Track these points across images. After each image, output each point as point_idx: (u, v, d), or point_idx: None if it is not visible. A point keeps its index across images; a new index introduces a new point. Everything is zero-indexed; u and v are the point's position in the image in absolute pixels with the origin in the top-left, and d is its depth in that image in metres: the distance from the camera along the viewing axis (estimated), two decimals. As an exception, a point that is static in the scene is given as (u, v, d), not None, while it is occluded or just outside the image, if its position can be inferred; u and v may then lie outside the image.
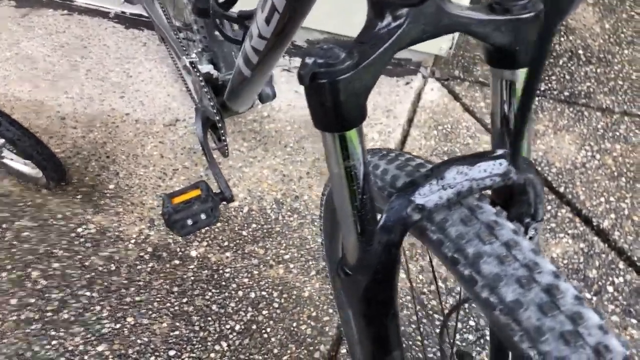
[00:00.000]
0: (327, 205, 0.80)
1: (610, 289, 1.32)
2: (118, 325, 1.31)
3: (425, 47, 1.76)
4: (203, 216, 1.10)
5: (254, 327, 1.30)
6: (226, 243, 1.45)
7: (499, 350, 0.63)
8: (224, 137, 1.16)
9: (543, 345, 0.37)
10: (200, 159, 1.64)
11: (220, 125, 1.14)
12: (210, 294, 1.36)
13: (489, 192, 0.49)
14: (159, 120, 1.76)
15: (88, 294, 1.36)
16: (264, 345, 1.27)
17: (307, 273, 1.39)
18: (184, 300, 1.35)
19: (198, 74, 1.14)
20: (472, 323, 1.25)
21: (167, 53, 1.78)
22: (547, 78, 1.79)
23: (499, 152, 0.46)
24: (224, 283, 1.38)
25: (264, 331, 1.29)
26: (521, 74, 0.45)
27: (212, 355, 1.25)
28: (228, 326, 1.30)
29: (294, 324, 1.30)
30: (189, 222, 1.09)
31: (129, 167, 1.63)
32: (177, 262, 1.42)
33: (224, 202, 1.12)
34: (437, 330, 1.25)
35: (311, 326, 1.30)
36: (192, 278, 1.39)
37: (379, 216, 0.46)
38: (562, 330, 0.37)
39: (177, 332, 1.29)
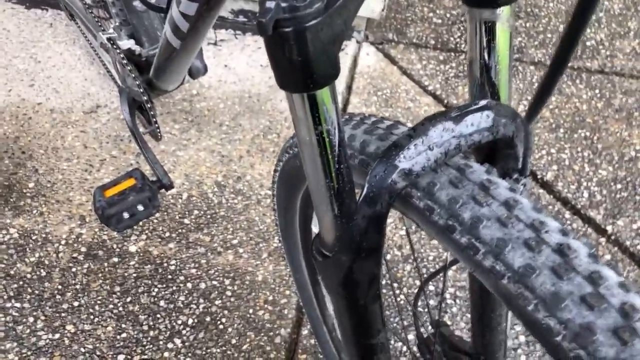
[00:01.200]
0: (281, 180, 0.73)
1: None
2: (57, 336, 1.19)
3: (356, 11, 1.71)
4: (141, 207, 1.00)
5: (208, 319, 1.22)
6: (168, 234, 1.36)
7: (480, 319, 0.60)
8: (154, 119, 1.06)
9: (563, 313, 0.32)
10: (129, 146, 1.51)
11: (149, 106, 1.04)
12: (156, 290, 1.26)
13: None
14: (77, 107, 1.61)
15: (18, 305, 1.23)
16: (220, 336, 1.20)
17: (259, 256, 1.32)
18: (128, 299, 1.25)
19: (118, 51, 1.02)
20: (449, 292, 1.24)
21: (79, 32, 1.62)
22: (478, 36, 1.79)
23: (482, 103, 0.41)
24: (170, 277, 1.28)
25: (219, 322, 1.22)
26: (504, 12, 0.40)
27: (166, 354, 1.17)
28: (180, 321, 1.22)
29: (250, 311, 1.24)
30: (126, 215, 0.99)
31: (49, 162, 1.48)
32: (115, 259, 1.31)
33: (163, 190, 1.03)
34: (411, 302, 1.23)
35: (269, 311, 1.24)
36: (135, 275, 1.28)
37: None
38: (582, 294, 0.32)
39: (124, 335, 1.19)
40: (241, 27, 1.81)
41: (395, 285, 1.26)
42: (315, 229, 0.84)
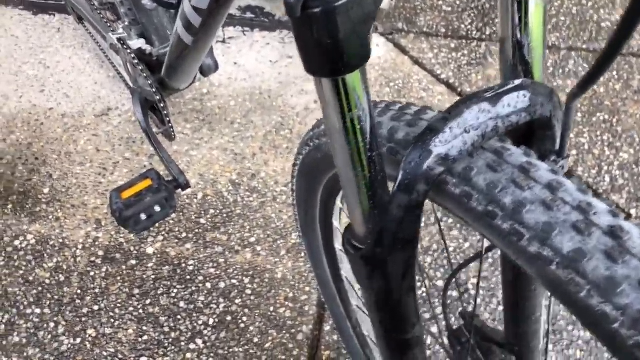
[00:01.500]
0: (301, 174, 0.72)
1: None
2: (78, 340, 1.18)
3: (365, 2, 1.68)
4: (158, 208, 0.99)
5: (229, 318, 1.21)
6: (184, 234, 1.35)
7: (514, 308, 0.58)
8: (168, 119, 1.05)
9: (620, 298, 0.30)
10: (142, 148, 1.50)
11: (162, 105, 1.02)
12: (175, 290, 1.26)
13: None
14: (88, 111, 1.60)
15: (38, 311, 1.23)
16: (242, 335, 1.19)
17: (277, 253, 1.31)
18: (148, 301, 1.24)
19: (129, 51, 1.01)
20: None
21: (88, 36, 1.61)
22: (489, 22, 1.76)
23: (518, 82, 0.39)
24: (188, 277, 1.27)
25: (240, 321, 1.21)
26: (537, -14, 0.38)
27: (188, 355, 1.16)
28: (200, 322, 1.21)
29: (271, 309, 1.22)
30: (143, 216, 0.98)
31: (62, 167, 1.48)
32: (133, 262, 1.30)
33: (179, 190, 1.01)
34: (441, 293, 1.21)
35: (289, 308, 1.22)
36: (153, 277, 1.28)
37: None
38: None
39: (145, 337, 1.19)
40: (249, 24, 1.80)
41: (424, 277, 1.24)
42: (336, 223, 0.82)
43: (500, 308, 1.21)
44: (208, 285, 1.26)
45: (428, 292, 1.22)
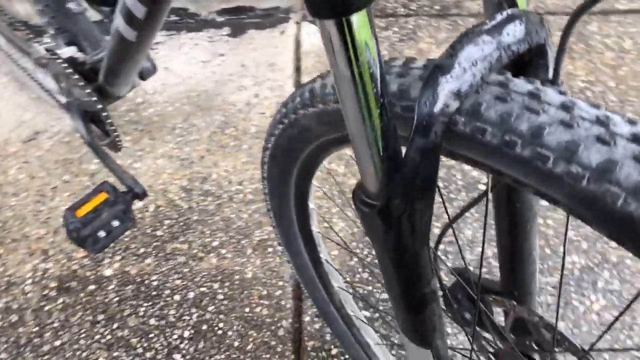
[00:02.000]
0: (273, 158, 0.70)
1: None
2: (45, 380, 1.10)
3: (289, -8, 1.67)
4: (116, 222, 0.93)
5: (205, 327, 1.16)
6: (142, 250, 1.28)
7: (510, 253, 0.58)
8: (112, 127, 0.99)
9: None
10: (81, 168, 1.42)
11: (105, 114, 0.96)
12: (143, 309, 1.19)
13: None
14: (13, 138, 1.49)
15: (-6, 357, 1.13)
16: (221, 342, 1.14)
17: (243, 253, 1.27)
18: (115, 325, 1.17)
19: (59, 61, 0.94)
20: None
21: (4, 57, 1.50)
22: (411, -1, 1.80)
23: (510, 12, 0.39)
24: (154, 293, 1.21)
25: (217, 328, 1.16)
26: None
27: (169, 372, 1.10)
28: (175, 336, 1.15)
29: (247, 310, 1.19)
30: (102, 234, 0.92)
31: (-5, 200, 1.36)
32: (92, 287, 1.22)
33: (137, 200, 0.96)
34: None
35: (266, 305, 1.19)
36: (117, 299, 1.20)
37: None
38: None
39: (119, 363, 1.12)
40: (174, 27, 1.74)
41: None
42: (312, 204, 0.81)
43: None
44: (176, 297, 1.21)
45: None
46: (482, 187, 1.35)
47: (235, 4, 1.80)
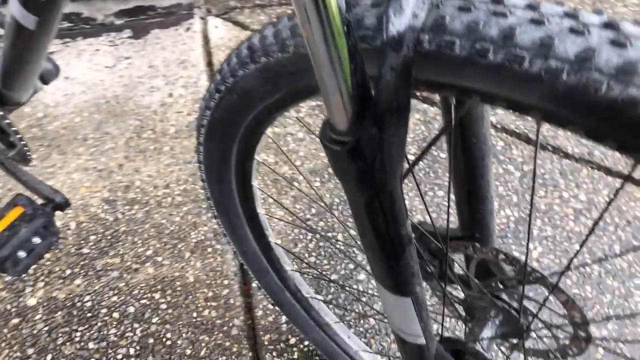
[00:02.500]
0: (210, 135, 0.65)
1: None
2: None
3: (190, -13, 1.61)
4: (37, 239, 0.84)
5: (151, 340, 1.09)
6: (69, 271, 1.18)
7: (469, 193, 0.58)
8: (18, 136, 0.89)
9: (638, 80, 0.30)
10: (-16, 194, 1.28)
11: (7, 122, 0.87)
12: (78, 334, 1.09)
13: None
14: None
15: None
16: (172, 352, 1.07)
17: (181, 257, 1.20)
18: (49, 357, 1.06)
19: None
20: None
21: None
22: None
23: None
24: (89, 314, 1.12)
25: (164, 339, 1.09)
26: None
27: (119, 395, 1.02)
28: (120, 355, 1.07)
29: (194, 315, 1.12)
30: (22, 254, 0.83)
31: None
32: (15, 321, 1.10)
33: (59, 211, 0.87)
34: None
35: (213, 307, 1.14)
36: (46, 329, 1.09)
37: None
38: None
39: (60, 396, 1.02)
40: (68, 34, 1.62)
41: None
42: (255, 183, 0.77)
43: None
44: (115, 315, 1.12)
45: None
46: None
47: (133, 4, 1.71)
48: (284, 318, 1.11)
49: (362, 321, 1.11)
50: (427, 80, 0.39)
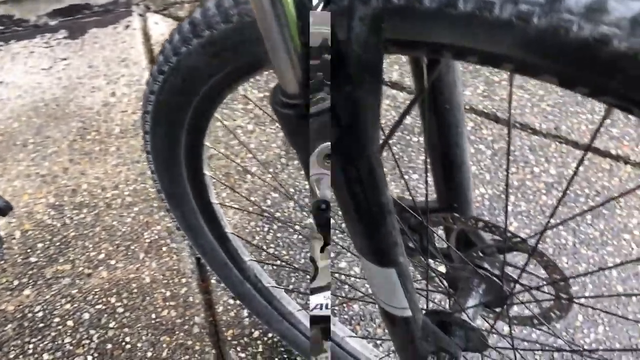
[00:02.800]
0: (156, 121, 0.63)
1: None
2: None
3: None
4: (-22, 247, 0.80)
5: (109, 346, 1.05)
6: (16, 282, 1.12)
7: (444, 164, 0.57)
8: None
9: (608, 15, 0.30)
10: None
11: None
12: (31, 346, 1.04)
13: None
14: None
15: None
16: (132, 356, 1.04)
17: (136, 259, 1.17)
18: (0, 372, 1.01)
19: None
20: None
21: None
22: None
23: None
24: (41, 324, 1.07)
25: (124, 343, 1.06)
26: None
27: (78, 404, 0.98)
28: (77, 364, 1.03)
29: (153, 316, 1.09)
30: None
31: None
32: (-39, 338, 1.04)
33: (1, 216, 0.83)
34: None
35: (172, 307, 1.11)
36: (-4, 343, 1.04)
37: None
38: None
39: (15, 411, 0.97)
40: (1, 37, 1.54)
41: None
42: (208, 171, 0.75)
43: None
44: (69, 323, 1.07)
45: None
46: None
47: (68, 4, 1.64)
48: (245, 312, 1.10)
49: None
50: (397, 40, 0.38)
